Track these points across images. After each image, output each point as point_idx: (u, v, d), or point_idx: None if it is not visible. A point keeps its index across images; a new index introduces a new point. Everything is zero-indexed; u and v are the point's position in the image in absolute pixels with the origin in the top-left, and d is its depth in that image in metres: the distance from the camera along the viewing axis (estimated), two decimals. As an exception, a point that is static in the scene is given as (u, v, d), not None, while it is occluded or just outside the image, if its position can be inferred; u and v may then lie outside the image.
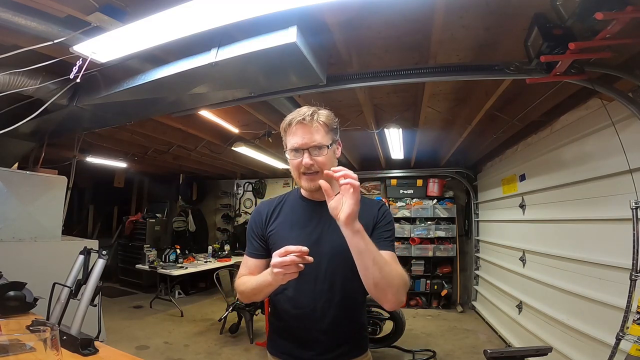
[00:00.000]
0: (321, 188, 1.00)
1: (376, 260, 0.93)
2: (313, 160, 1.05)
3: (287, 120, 1.09)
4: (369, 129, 3.64)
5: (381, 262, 0.94)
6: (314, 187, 1.09)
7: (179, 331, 4.31)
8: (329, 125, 1.09)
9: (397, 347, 3.62)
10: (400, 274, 1.00)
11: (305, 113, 1.07)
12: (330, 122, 1.10)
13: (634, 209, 1.83)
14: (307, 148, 1.05)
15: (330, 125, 1.10)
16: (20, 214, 2.65)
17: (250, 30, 1.65)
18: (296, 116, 1.07)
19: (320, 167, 1.06)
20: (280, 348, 1.17)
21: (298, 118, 1.06)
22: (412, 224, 5.80)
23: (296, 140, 1.06)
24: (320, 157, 1.06)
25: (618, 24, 1.44)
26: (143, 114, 2.84)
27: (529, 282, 3.47)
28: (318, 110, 1.10)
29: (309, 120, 1.05)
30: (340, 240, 1.10)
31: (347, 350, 1.12)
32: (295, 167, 1.09)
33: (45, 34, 1.63)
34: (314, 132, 1.05)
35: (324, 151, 1.06)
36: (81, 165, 4.63)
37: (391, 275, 0.95)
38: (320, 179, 1.05)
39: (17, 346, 0.86)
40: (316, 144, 1.05)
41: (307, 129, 1.05)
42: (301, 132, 1.06)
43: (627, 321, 1.79)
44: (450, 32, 2.06)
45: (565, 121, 2.87)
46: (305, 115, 1.06)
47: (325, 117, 1.09)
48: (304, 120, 1.05)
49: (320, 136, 1.06)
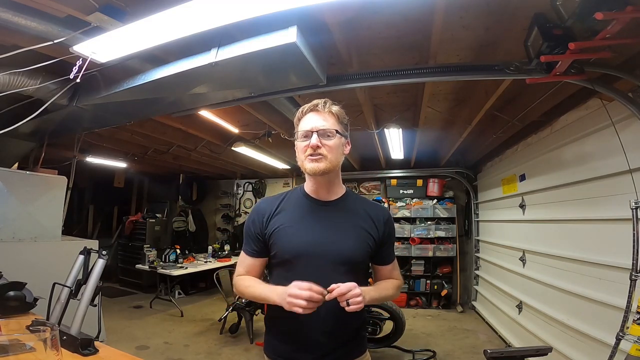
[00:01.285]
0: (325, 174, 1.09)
1: (381, 298, 1.13)
2: (321, 143, 1.07)
3: (300, 110, 1.13)
4: (369, 129, 3.64)
5: (385, 294, 1.14)
6: (317, 170, 1.08)
7: (179, 331, 4.31)
8: (339, 117, 1.13)
9: (397, 347, 3.62)
10: (397, 287, 1.20)
11: (318, 102, 1.12)
12: (341, 115, 1.14)
13: (634, 209, 1.83)
14: (316, 131, 1.07)
15: (341, 117, 1.13)
16: (20, 214, 2.65)
17: (250, 30, 1.65)
18: (309, 105, 1.12)
19: (327, 152, 1.07)
20: (278, 351, 1.14)
21: (310, 106, 1.11)
22: (412, 224, 5.79)
23: (306, 124, 1.09)
24: (329, 141, 1.08)
25: (618, 24, 1.44)
26: (143, 114, 2.84)
27: (529, 282, 3.47)
28: (328, 100, 1.14)
29: (321, 107, 1.10)
30: (344, 241, 1.11)
31: (347, 352, 1.12)
32: (301, 150, 1.10)
33: (45, 34, 1.63)
34: (325, 118, 1.09)
35: (332, 136, 1.08)
36: (81, 165, 4.63)
37: (392, 295, 1.19)
38: (327, 163, 1.07)
39: (17, 346, 0.86)
40: (326, 127, 1.08)
41: (319, 115, 1.10)
42: (312, 117, 1.09)
43: (627, 321, 1.79)
44: (450, 32, 2.06)
45: (565, 121, 2.87)
46: (318, 104, 1.11)
47: (337, 109, 1.13)
48: (317, 106, 1.10)
49: (331, 123, 1.09)
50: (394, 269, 1.23)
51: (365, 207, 1.19)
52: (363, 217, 1.15)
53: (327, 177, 1.12)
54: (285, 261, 1.12)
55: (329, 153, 1.07)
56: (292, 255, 1.10)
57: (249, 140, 4.36)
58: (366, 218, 1.15)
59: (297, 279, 1.07)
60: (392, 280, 1.21)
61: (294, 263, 1.10)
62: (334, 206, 1.16)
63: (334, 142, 1.08)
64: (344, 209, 1.16)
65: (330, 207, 1.16)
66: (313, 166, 1.08)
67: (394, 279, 1.21)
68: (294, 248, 1.10)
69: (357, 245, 1.11)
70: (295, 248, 1.10)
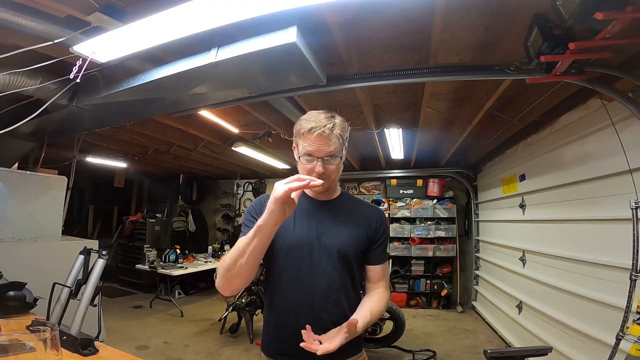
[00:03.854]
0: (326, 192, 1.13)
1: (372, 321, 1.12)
2: (325, 168, 1.08)
3: (305, 125, 1.08)
4: (369, 129, 3.64)
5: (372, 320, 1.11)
6: (320, 190, 1.13)
7: (179, 331, 4.31)
8: (343, 137, 1.12)
9: (397, 347, 3.62)
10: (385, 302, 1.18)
11: (325, 125, 1.06)
12: (345, 134, 1.13)
13: (634, 209, 1.83)
14: (321, 157, 1.07)
15: (344, 136, 1.13)
16: (20, 214, 2.64)
17: (250, 30, 1.65)
18: (315, 125, 1.06)
19: (330, 174, 1.10)
20: (275, 348, 1.15)
21: (318, 129, 1.05)
22: (412, 224, 5.79)
23: (312, 148, 1.07)
24: (332, 166, 1.10)
25: (618, 24, 1.44)
26: (143, 114, 2.84)
27: (529, 282, 3.47)
28: (335, 119, 1.10)
29: (327, 134, 1.06)
30: (341, 240, 1.13)
31: (342, 349, 1.12)
32: (306, 172, 1.09)
33: (45, 34, 1.63)
34: (330, 144, 1.07)
35: (336, 161, 1.10)
36: (81, 165, 4.63)
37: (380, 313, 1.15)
38: (328, 184, 1.12)
39: (17, 346, 0.86)
40: (331, 154, 1.08)
41: (325, 140, 1.07)
42: (318, 142, 1.07)
43: (627, 321, 1.79)
44: (450, 32, 2.06)
45: (565, 121, 2.87)
46: (326, 128, 1.06)
47: (341, 129, 1.10)
48: (323, 132, 1.06)
49: (335, 147, 1.08)
50: (384, 274, 1.21)
51: (360, 207, 1.24)
52: (357, 215, 1.20)
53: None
54: (280, 254, 1.13)
55: (332, 174, 1.11)
56: (286, 247, 1.12)
57: (249, 140, 4.36)
58: (360, 217, 1.19)
59: (291, 271, 1.11)
60: (379, 296, 1.17)
61: (288, 255, 1.12)
62: (330, 205, 1.20)
63: (337, 166, 1.11)
64: (339, 207, 1.21)
65: (326, 205, 1.20)
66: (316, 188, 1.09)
67: (381, 291, 1.18)
68: (290, 242, 1.12)
69: (350, 240, 1.13)
70: (291, 242, 1.12)
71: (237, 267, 0.98)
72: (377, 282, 1.20)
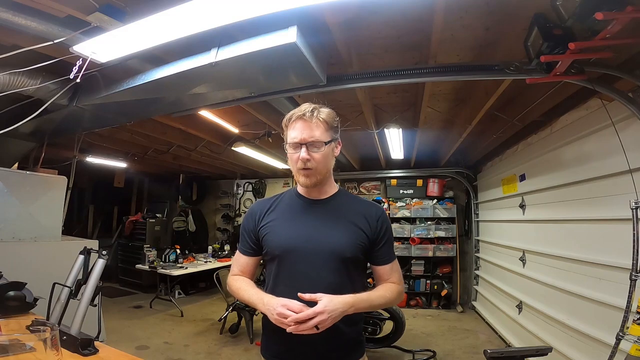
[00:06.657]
0: (317, 185, 1.11)
1: (375, 305, 1.12)
2: (310, 155, 1.06)
3: (288, 115, 1.11)
4: (369, 129, 3.64)
5: (379, 302, 1.10)
6: (310, 183, 1.11)
7: (179, 331, 4.31)
8: (329, 123, 1.10)
9: (397, 347, 3.62)
10: (395, 291, 1.13)
11: (306, 109, 1.08)
12: (330, 120, 1.11)
13: (634, 209, 1.83)
14: (305, 143, 1.06)
15: (330, 123, 1.11)
16: (20, 214, 2.64)
17: (250, 30, 1.65)
18: (297, 111, 1.09)
19: (317, 164, 1.08)
20: (274, 351, 1.13)
21: (298, 113, 1.08)
22: (412, 224, 5.79)
23: (295, 135, 1.08)
24: (317, 154, 1.08)
25: (618, 24, 1.44)
26: (143, 114, 2.84)
27: (529, 282, 3.47)
28: (320, 107, 1.11)
29: (309, 116, 1.07)
30: (334, 237, 1.10)
31: (344, 355, 1.10)
32: (293, 162, 1.11)
33: (45, 34, 1.62)
34: (313, 128, 1.07)
35: (322, 148, 1.08)
36: (81, 165, 4.64)
37: (389, 301, 1.13)
38: (317, 175, 1.10)
39: (17, 346, 0.86)
40: (314, 139, 1.06)
41: (307, 125, 1.07)
42: (300, 127, 1.07)
43: (627, 321, 1.79)
44: (450, 32, 2.06)
45: (565, 121, 2.87)
46: (306, 111, 1.08)
47: (326, 114, 1.10)
48: (304, 115, 1.07)
49: (319, 133, 1.07)
50: (394, 271, 1.17)
51: (358, 205, 1.19)
52: (355, 214, 1.15)
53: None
54: (275, 257, 1.12)
55: (319, 164, 1.09)
56: (281, 251, 1.11)
57: (249, 140, 4.36)
58: (358, 215, 1.15)
59: (287, 275, 1.10)
60: (389, 285, 1.15)
61: (283, 259, 1.11)
62: (325, 204, 1.17)
63: (322, 153, 1.08)
64: (335, 206, 1.17)
65: (321, 205, 1.17)
66: (305, 180, 1.11)
67: (392, 283, 1.16)
68: (283, 244, 1.11)
69: (347, 240, 1.10)
70: (284, 244, 1.11)
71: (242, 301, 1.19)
72: (386, 280, 1.17)
